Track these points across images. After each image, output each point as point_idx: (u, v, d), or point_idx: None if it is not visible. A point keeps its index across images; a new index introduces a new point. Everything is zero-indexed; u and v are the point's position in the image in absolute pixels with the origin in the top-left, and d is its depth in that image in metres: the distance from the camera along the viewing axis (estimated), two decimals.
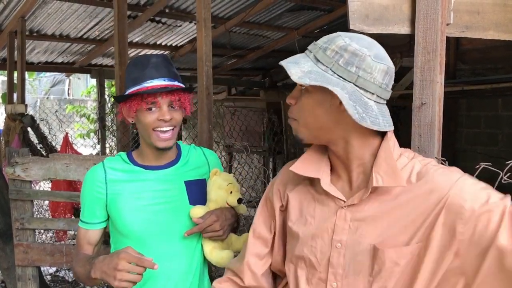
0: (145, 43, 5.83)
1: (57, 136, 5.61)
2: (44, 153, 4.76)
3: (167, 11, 4.84)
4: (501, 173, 1.47)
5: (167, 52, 6.20)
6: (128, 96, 1.47)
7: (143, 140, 1.53)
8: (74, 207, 4.69)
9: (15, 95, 5.13)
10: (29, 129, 4.90)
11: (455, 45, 5.32)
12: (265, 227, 1.26)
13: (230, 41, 5.79)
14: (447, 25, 1.37)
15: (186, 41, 5.90)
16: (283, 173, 1.27)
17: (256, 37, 6.03)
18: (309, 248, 1.11)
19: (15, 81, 5.10)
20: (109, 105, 5.81)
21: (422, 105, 1.36)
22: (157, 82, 1.44)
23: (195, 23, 4.16)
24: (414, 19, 1.37)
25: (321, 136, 1.09)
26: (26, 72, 5.24)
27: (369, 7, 1.36)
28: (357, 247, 1.05)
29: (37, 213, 5.42)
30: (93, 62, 6.36)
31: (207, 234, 1.47)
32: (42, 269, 3.43)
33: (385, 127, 1.02)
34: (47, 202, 5.29)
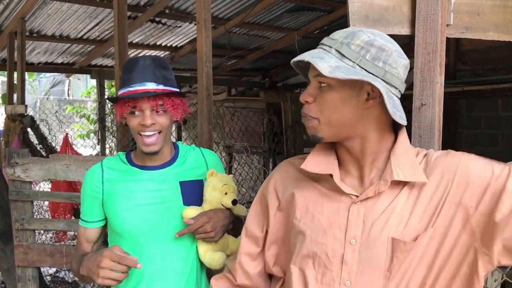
0: (145, 43, 5.83)
1: (57, 136, 5.61)
2: (44, 153, 4.75)
3: (167, 11, 4.84)
4: None
5: (167, 52, 6.20)
6: (116, 98, 1.48)
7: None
8: (74, 207, 4.68)
9: (15, 96, 5.12)
10: (29, 129, 4.89)
11: (455, 45, 5.32)
12: (257, 225, 1.24)
13: (230, 42, 5.79)
14: (447, 26, 1.37)
15: (186, 41, 5.90)
16: (280, 171, 1.24)
17: (256, 38, 6.03)
18: (319, 245, 1.07)
19: (15, 82, 5.09)
20: (109, 105, 5.79)
21: (422, 106, 1.36)
22: (139, 86, 1.43)
23: (195, 24, 4.16)
24: (414, 20, 1.37)
25: (342, 133, 1.05)
26: (26, 72, 5.23)
27: (369, 8, 1.37)
28: (373, 242, 1.02)
29: (37, 213, 5.41)
30: (93, 62, 6.35)
31: (199, 235, 1.46)
32: (42, 269, 3.44)
33: (405, 121, 1.02)
34: (47, 202, 5.28)
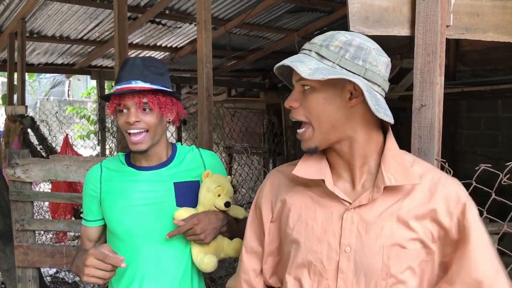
0: (145, 44, 5.84)
1: (57, 137, 5.60)
2: (44, 154, 4.74)
3: (167, 12, 4.85)
4: (501, 174, 1.47)
5: (167, 53, 6.20)
6: (105, 96, 1.50)
7: None
8: (74, 208, 4.68)
9: (15, 97, 5.12)
10: (29, 130, 4.88)
11: (455, 46, 5.32)
12: (256, 240, 1.21)
13: (230, 43, 5.79)
14: (447, 27, 1.38)
15: (186, 42, 5.90)
16: (271, 181, 1.21)
17: (256, 39, 6.04)
18: (314, 254, 1.06)
19: (15, 83, 5.09)
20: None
21: (422, 106, 1.36)
22: (125, 84, 1.43)
23: (195, 25, 4.16)
24: (414, 21, 1.38)
25: (332, 136, 1.05)
26: (26, 73, 5.24)
27: (369, 9, 1.37)
28: (368, 250, 1.01)
29: (37, 214, 5.41)
30: (93, 63, 6.36)
31: (189, 237, 1.45)
32: (42, 270, 3.43)
33: (392, 119, 1.01)
34: (47, 203, 5.28)
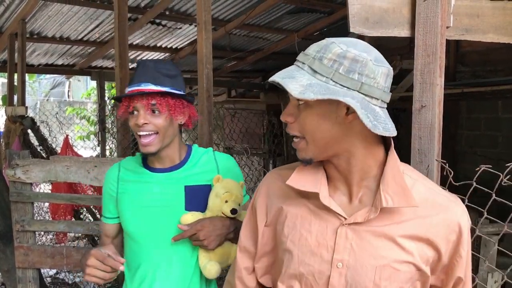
0: (146, 45, 5.84)
1: (57, 138, 5.60)
2: (44, 155, 4.74)
3: (167, 13, 4.85)
4: (501, 175, 1.47)
5: (167, 54, 6.20)
6: (116, 98, 1.54)
7: None
8: (74, 209, 4.68)
9: (15, 97, 5.13)
10: (30, 131, 4.89)
11: (455, 47, 5.31)
12: (251, 240, 1.20)
13: (230, 43, 5.79)
14: (447, 28, 1.38)
15: (186, 43, 5.91)
16: (268, 184, 1.18)
17: (256, 39, 6.04)
18: (306, 266, 1.03)
19: (16, 83, 5.10)
20: (109, 107, 5.79)
21: (422, 107, 1.36)
22: (135, 87, 1.44)
23: (196, 26, 4.17)
24: (414, 22, 1.38)
25: (329, 151, 1.01)
26: (26, 74, 5.24)
27: (369, 10, 1.37)
28: (361, 268, 0.99)
29: (37, 215, 5.41)
30: (93, 64, 6.36)
31: (194, 242, 1.45)
32: (42, 271, 3.43)
33: (394, 132, 0.96)
34: (47, 204, 5.27)
